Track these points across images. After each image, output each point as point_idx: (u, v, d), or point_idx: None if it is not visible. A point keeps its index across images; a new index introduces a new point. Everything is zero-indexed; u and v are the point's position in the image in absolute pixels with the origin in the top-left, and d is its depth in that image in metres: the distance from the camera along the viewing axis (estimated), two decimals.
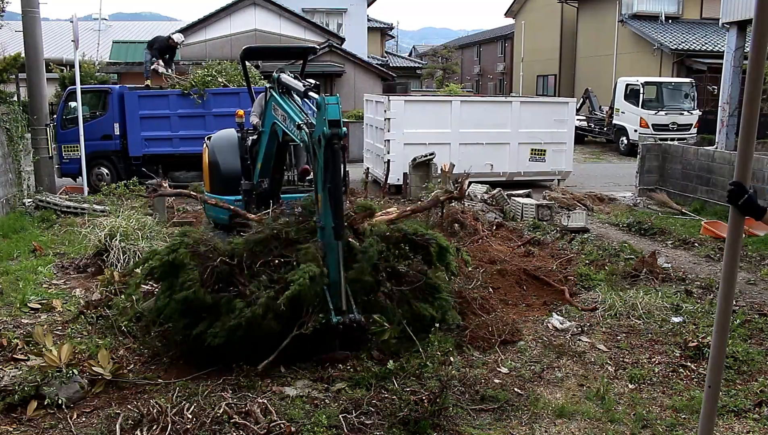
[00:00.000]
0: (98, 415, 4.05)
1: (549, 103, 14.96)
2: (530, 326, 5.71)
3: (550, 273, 7.06)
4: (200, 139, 12.31)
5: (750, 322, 5.79)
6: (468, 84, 43.50)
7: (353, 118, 19.14)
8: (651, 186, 12.39)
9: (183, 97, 12.74)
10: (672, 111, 20.44)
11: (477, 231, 8.70)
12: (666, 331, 5.61)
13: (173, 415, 3.73)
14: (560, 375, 4.79)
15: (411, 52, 52.75)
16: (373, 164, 14.24)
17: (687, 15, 27.27)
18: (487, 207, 10.83)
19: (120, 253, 6.87)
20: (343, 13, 27.41)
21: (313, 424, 3.81)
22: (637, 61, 26.05)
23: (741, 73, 13.09)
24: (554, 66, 33.76)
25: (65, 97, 13.14)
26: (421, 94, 20.68)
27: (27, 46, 11.42)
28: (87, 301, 5.71)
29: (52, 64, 17.85)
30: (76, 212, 9.94)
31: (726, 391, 4.47)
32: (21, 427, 3.93)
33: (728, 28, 13.42)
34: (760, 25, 2.26)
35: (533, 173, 13.96)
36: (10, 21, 15.37)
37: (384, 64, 29.02)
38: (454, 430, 3.92)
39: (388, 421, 3.88)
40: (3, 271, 7.05)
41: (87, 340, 5.04)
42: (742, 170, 2.38)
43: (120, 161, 13.03)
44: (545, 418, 4.17)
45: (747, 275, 7.42)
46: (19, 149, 10.52)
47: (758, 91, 2.30)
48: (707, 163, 11.18)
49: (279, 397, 4.21)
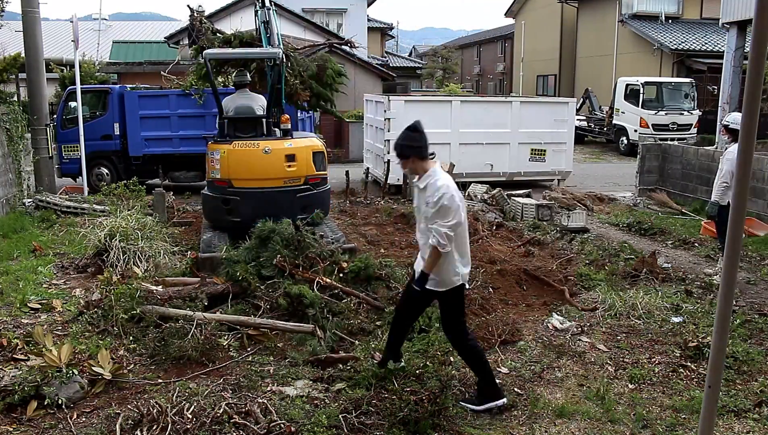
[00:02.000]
0: (98, 415, 4.05)
1: (549, 103, 14.95)
2: (530, 326, 5.71)
3: (550, 273, 7.06)
4: (200, 139, 12.36)
5: (750, 322, 5.80)
6: (468, 84, 43.52)
7: (353, 118, 19.15)
8: (651, 186, 12.39)
9: (183, 97, 12.73)
10: (672, 111, 20.44)
11: (477, 231, 8.70)
12: (666, 331, 5.61)
13: (173, 415, 3.73)
14: (560, 375, 4.79)
15: (411, 52, 52.75)
16: (373, 164, 14.24)
17: (687, 15, 27.28)
18: (487, 207, 10.83)
19: (120, 253, 6.86)
20: (343, 13, 27.41)
21: (313, 424, 3.81)
22: (637, 61, 26.05)
23: (741, 73, 13.10)
24: (554, 66, 33.76)
25: (65, 97, 13.14)
26: (421, 94, 20.68)
27: (27, 46, 11.42)
28: (87, 301, 5.70)
29: (52, 64, 17.86)
30: (76, 212, 9.94)
31: (726, 391, 4.47)
32: (21, 427, 3.92)
33: (728, 28, 13.42)
34: (760, 25, 2.26)
35: (533, 173, 13.96)
36: (10, 21, 15.38)
37: (384, 64, 29.01)
38: (454, 430, 3.93)
39: (388, 421, 3.88)
40: (3, 271, 7.05)
41: (87, 340, 5.04)
42: (742, 170, 2.38)
43: (120, 161, 13.02)
44: (545, 418, 4.17)
45: (747, 275, 7.42)
46: (19, 149, 10.51)
47: (758, 91, 2.30)
48: (707, 163, 11.17)
49: (279, 397, 4.21)
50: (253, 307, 5.59)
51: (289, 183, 7.81)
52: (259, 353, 4.99)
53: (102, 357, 4.45)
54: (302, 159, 7.86)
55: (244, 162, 7.72)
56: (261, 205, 7.55)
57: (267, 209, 7.25)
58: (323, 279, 5.64)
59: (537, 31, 35.44)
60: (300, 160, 7.84)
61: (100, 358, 4.44)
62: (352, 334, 5.24)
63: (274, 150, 7.73)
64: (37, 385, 4.11)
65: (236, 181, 7.71)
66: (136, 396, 4.26)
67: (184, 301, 5.45)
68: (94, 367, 4.37)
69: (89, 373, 4.35)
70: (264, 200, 7.64)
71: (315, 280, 5.62)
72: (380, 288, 5.89)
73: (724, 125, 7.55)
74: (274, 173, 7.74)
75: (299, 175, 7.84)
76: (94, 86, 14.27)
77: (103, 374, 4.35)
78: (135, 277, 6.12)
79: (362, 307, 5.59)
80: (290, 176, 7.78)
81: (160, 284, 5.99)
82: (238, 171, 7.71)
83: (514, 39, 39.47)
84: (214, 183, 7.88)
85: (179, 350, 4.75)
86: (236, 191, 7.71)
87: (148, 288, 5.71)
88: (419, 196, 4.24)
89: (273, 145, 7.78)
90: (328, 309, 5.38)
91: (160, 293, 5.62)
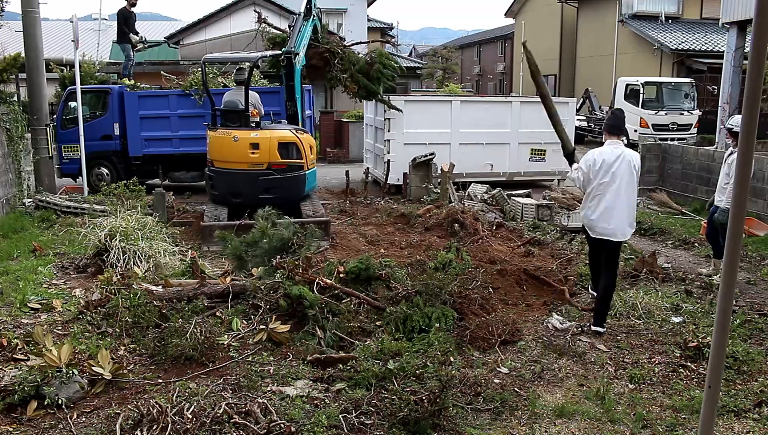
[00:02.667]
0: (98, 415, 4.05)
1: None
2: (530, 326, 5.71)
3: (550, 273, 7.06)
4: (200, 139, 12.37)
5: (750, 322, 5.80)
6: (468, 84, 43.51)
7: (353, 118, 19.16)
8: (651, 186, 12.39)
9: (183, 97, 12.73)
10: (672, 111, 20.44)
11: (477, 231, 8.71)
12: (666, 331, 5.61)
13: (173, 415, 3.72)
14: (560, 375, 4.79)
15: (411, 52, 52.73)
16: (373, 164, 14.24)
17: (687, 15, 27.28)
18: (487, 207, 10.83)
19: (120, 253, 6.86)
20: (343, 13, 27.40)
21: (313, 424, 3.80)
22: (637, 61, 26.05)
23: (741, 73, 13.10)
24: (554, 66, 33.76)
25: (65, 97, 13.13)
26: (421, 94, 20.66)
27: (27, 46, 11.41)
28: (87, 301, 5.70)
29: (52, 64, 17.83)
30: (76, 212, 9.94)
31: (726, 391, 4.47)
32: (21, 427, 3.92)
33: (728, 28, 13.43)
34: (760, 25, 2.26)
35: (533, 173, 13.96)
36: (10, 21, 15.37)
37: None
38: (454, 430, 3.92)
39: (388, 421, 3.88)
40: (3, 271, 7.05)
41: (87, 340, 5.04)
42: (742, 170, 2.38)
43: (120, 161, 13.01)
44: (545, 418, 4.17)
45: (747, 275, 7.42)
46: (19, 149, 10.51)
47: (758, 91, 2.30)
48: (707, 163, 11.17)
49: (279, 397, 4.21)
50: (252, 307, 5.60)
51: (253, 167, 9.20)
52: (259, 353, 4.99)
53: (102, 357, 4.44)
54: (265, 147, 9.18)
55: (219, 146, 9.39)
56: (230, 183, 9.31)
57: (234, 187, 9.29)
58: (323, 280, 5.64)
59: (537, 31, 35.43)
60: (263, 148, 9.17)
61: (100, 358, 4.43)
62: (352, 335, 5.24)
63: (241, 138, 9.18)
64: (37, 385, 4.11)
65: (216, 162, 9.50)
66: (136, 396, 4.26)
67: (186, 302, 5.45)
68: (94, 367, 4.36)
69: (89, 373, 4.35)
70: (231, 179, 9.31)
71: (315, 281, 5.62)
72: (380, 288, 5.89)
73: (728, 128, 7.47)
74: (240, 158, 9.23)
75: (262, 161, 9.19)
76: (93, 86, 14.25)
77: (103, 374, 4.35)
78: (135, 277, 6.12)
79: (362, 308, 5.59)
80: (254, 161, 9.19)
81: (159, 284, 5.99)
82: (215, 153, 9.49)
83: (514, 39, 39.48)
84: (208, 162, 9.70)
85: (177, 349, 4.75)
86: (215, 170, 9.50)
87: (148, 288, 5.71)
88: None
89: (240, 134, 9.21)
90: (328, 309, 5.38)
91: (159, 293, 5.62)
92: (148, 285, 5.85)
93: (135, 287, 5.65)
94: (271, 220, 6.88)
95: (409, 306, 5.46)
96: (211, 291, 5.76)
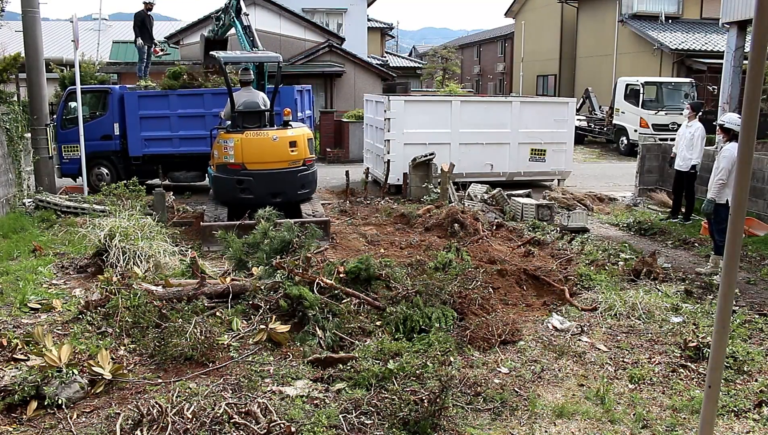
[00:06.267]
0: (98, 415, 4.05)
1: (549, 103, 14.95)
2: (530, 326, 5.71)
3: (550, 273, 7.06)
4: (200, 139, 12.37)
5: (750, 322, 5.80)
6: (468, 84, 43.54)
7: (353, 118, 19.15)
8: (651, 186, 12.39)
9: (183, 97, 12.73)
10: (672, 111, 20.42)
11: (477, 231, 8.70)
12: (666, 331, 5.61)
13: (173, 415, 3.72)
14: (560, 375, 4.79)
15: (411, 52, 52.77)
16: (373, 164, 14.23)
17: (687, 15, 27.28)
18: (487, 207, 10.83)
19: (120, 253, 6.86)
20: (343, 13, 27.40)
21: (313, 424, 3.81)
22: (637, 61, 26.06)
23: (741, 73, 13.09)
24: (554, 66, 33.77)
25: (65, 97, 13.13)
26: (421, 94, 20.66)
27: (27, 46, 11.41)
28: (87, 301, 5.70)
29: (52, 64, 17.86)
30: (76, 212, 9.94)
31: (726, 391, 4.47)
32: (21, 427, 3.92)
33: (728, 28, 13.41)
34: (760, 25, 2.26)
35: (533, 173, 13.96)
36: (10, 21, 15.39)
37: (384, 64, 29.03)
38: (454, 430, 3.92)
39: (388, 421, 3.88)
40: (3, 271, 7.05)
41: (87, 340, 5.04)
42: (742, 170, 2.38)
43: (120, 161, 13.02)
44: (545, 418, 4.17)
45: (747, 275, 7.42)
46: (19, 149, 10.51)
47: (758, 91, 2.30)
48: (707, 163, 11.15)
49: (279, 397, 4.21)
50: (252, 307, 5.60)
51: (292, 165, 9.34)
52: (258, 353, 4.99)
53: (102, 357, 4.44)
54: (301, 144, 9.38)
55: (255, 148, 9.14)
56: (271, 184, 9.21)
57: (275, 187, 9.23)
58: (323, 280, 5.64)
59: (537, 31, 35.45)
60: (300, 145, 9.36)
61: (100, 358, 4.43)
62: (352, 335, 5.24)
63: (281, 138, 9.24)
64: (37, 385, 4.11)
65: (249, 164, 9.14)
66: (136, 396, 4.26)
67: (186, 302, 5.45)
68: (94, 367, 4.36)
69: (89, 373, 4.35)
70: (273, 180, 9.23)
71: (315, 281, 5.62)
72: (380, 288, 5.89)
73: (719, 125, 7.72)
74: (281, 157, 9.26)
75: (299, 158, 9.38)
76: (93, 86, 14.26)
77: (103, 374, 4.35)
78: (135, 277, 6.12)
79: (362, 308, 5.59)
80: (293, 159, 9.33)
81: (159, 284, 5.99)
82: (250, 156, 9.13)
83: (514, 39, 39.48)
84: (226, 166, 9.20)
85: (177, 349, 4.75)
86: (250, 173, 9.16)
87: (148, 288, 5.71)
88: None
89: (279, 134, 9.26)
90: (328, 309, 5.38)
91: (159, 293, 5.62)
92: (148, 285, 5.84)
93: (135, 287, 5.65)
94: (272, 220, 6.89)
95: (409, 306, 5.46)
96: (211, 291, 5.76)
